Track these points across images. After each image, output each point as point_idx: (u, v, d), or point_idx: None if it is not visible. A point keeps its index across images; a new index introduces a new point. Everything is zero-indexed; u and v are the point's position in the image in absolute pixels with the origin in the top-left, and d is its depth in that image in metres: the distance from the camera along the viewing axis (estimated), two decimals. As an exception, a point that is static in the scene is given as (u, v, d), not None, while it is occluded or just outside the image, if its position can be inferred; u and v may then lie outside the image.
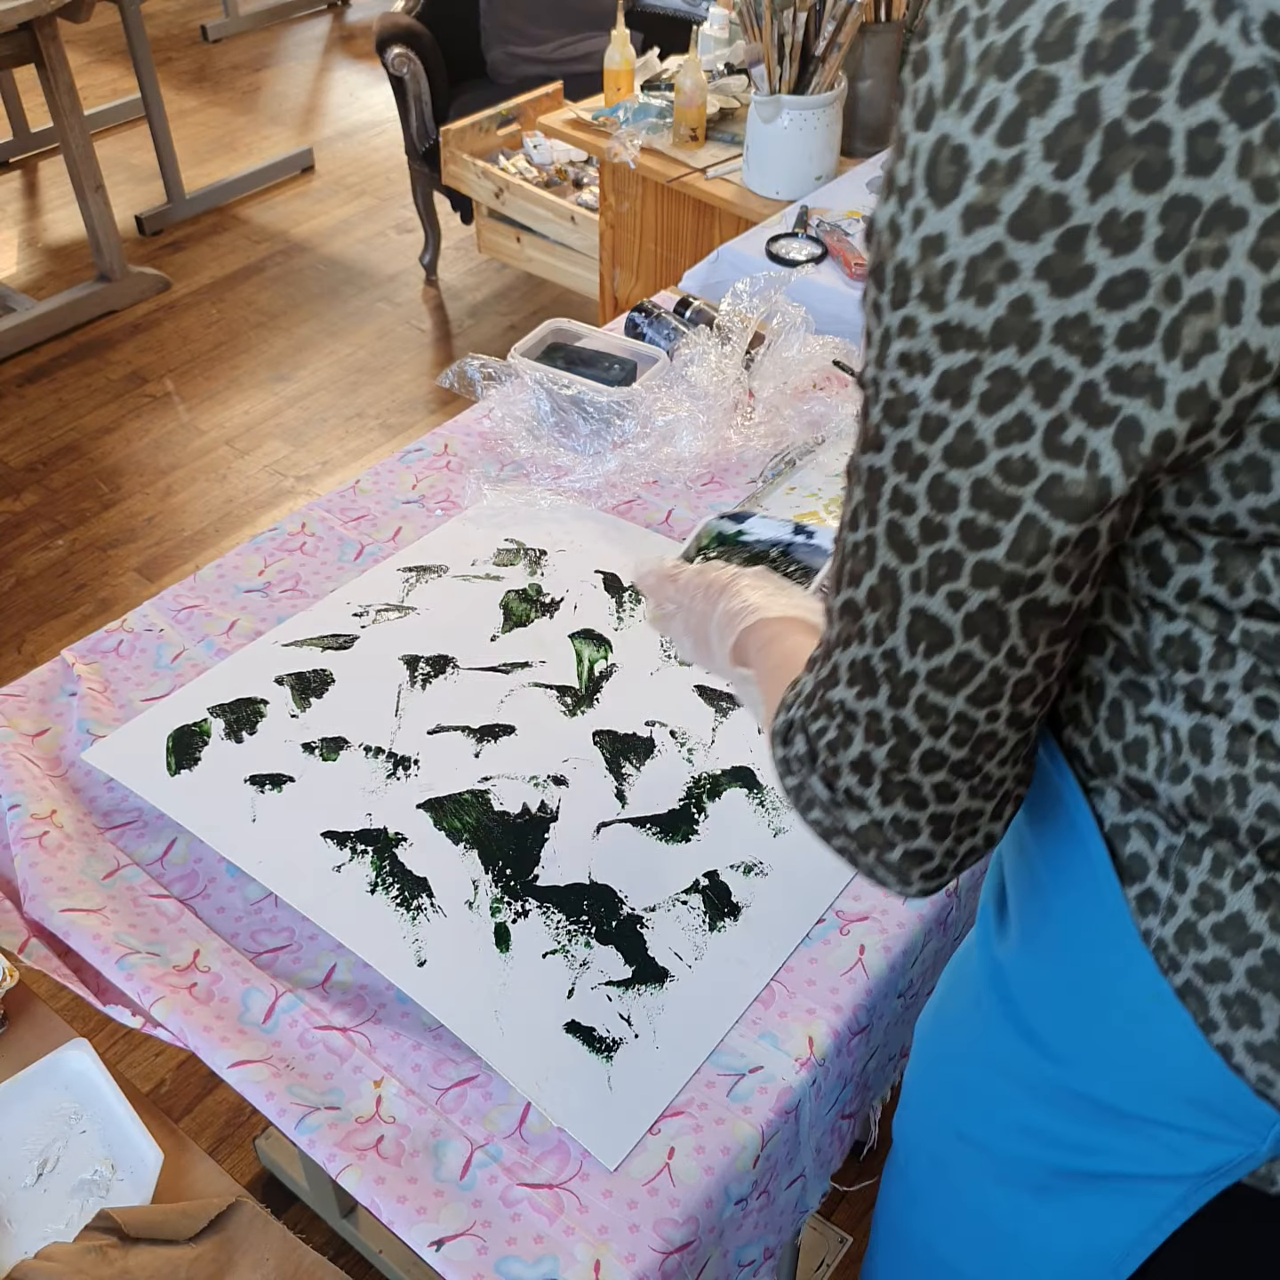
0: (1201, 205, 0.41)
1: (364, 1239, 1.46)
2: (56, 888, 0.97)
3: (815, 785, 0.61)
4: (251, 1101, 0.86)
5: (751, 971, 0.94)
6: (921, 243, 0.46)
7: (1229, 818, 0.57)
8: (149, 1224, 0.77)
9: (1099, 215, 0.42)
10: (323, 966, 0.95)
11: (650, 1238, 0.81)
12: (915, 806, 0.58)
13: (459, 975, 0.92)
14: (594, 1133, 0.85)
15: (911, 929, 0.98)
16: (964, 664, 0.53)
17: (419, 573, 1.29)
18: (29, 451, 2.81)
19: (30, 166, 3.89)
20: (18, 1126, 0.85)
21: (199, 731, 1.11)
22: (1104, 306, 0.43)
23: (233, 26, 4.74)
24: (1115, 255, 0.42)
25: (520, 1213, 0.82)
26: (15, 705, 1.13)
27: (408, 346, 3.17)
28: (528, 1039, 0.89)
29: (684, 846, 1.03)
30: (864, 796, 0.58)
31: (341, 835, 1.02)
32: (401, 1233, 0.81)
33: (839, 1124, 0.96)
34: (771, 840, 1.04)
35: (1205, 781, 0.57)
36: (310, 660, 1.18)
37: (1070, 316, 0.44)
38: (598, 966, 0.94)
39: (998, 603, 0.50)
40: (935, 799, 0.57)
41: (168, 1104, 1.66)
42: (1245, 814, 0.56)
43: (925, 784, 0.57)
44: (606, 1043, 0.90)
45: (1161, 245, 0.42)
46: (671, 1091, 0.87)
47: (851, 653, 0.56)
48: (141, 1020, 0.90)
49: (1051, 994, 0.68)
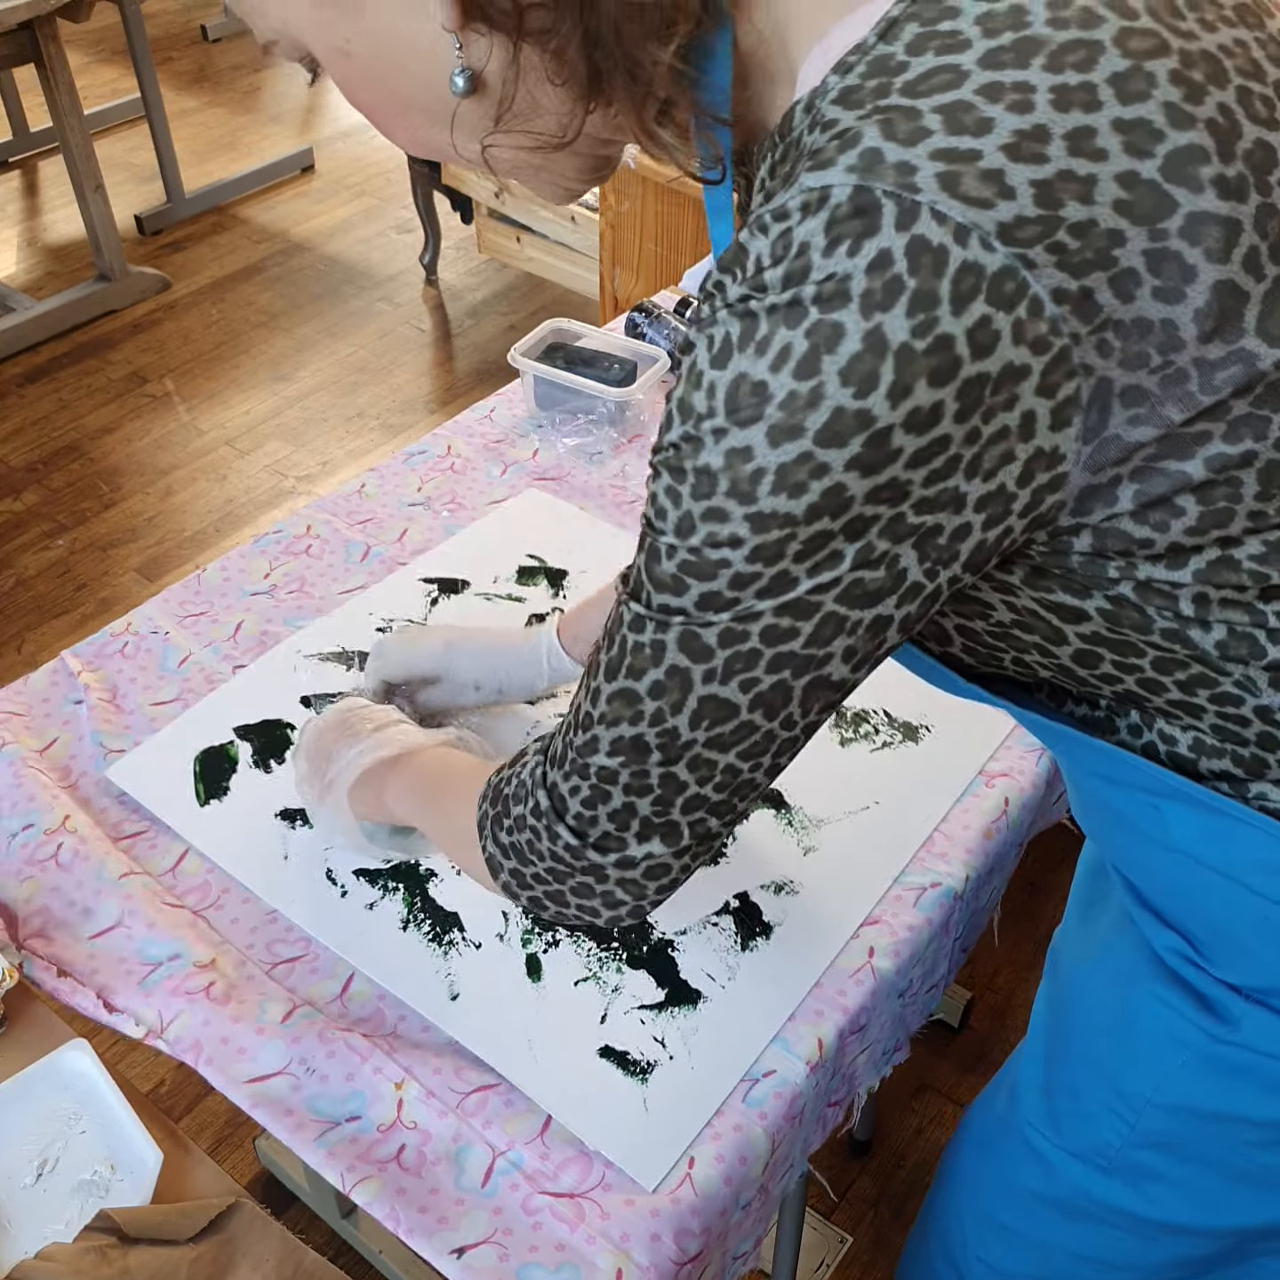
0: (990, 375, 0.49)
1: (364, 1239, 1.46)
2: (79, 911, 0.97)
3: (561, 834, 0.67)
4: (262, 1123, 0.85)
5: (786, 989, 0.94)
6: (727, 453, 0.51)
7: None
8: (148, 1224, 0.77)
9: (901, 415, 0.49)
10: (340, 977, 0.95)
11: (670, 1248, 0.80)
12: (670, 843, 0.65)
13: (492, 1007, 0.93)
14: (631, 1154, 0.84)
15: (920, 933, 0.98)
16: (743, 729, 0.59)
17: (440, 586, 1.28)
18: (29, 451, 2.80)
19: (30, 166, 3.88)
20: (17, 1127, 0.85)
21: (226, 756, 1.10)
22: (910, 469, 0.50)
23: (233, 26, 4.74)
24: (920, 435, 0.49)
25: (542, 1221, 0.81)
26: (21, 724, 1.12)
27: (408, 346, 3.17)
28: (562, 1065, 0.89)
29: (713, 869, 1.02)
30: (624, 837, 0.65)
31: (373, 873, 1.02)
32: (420, 1243, 0.80)
33: (825, 1112, 0.97)
34: (802, 858, 1.03)
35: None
36: (334, 680, 1.18)
37: (881, 484, 0.50)
38: (630, 991, 0.94)
39: (787, 680, 0.57)
40: (689, 835, 0.65)
41: (167, 1104, 1.66)
42: None
43: (683, 823, 0.64)
44: (641, 1065, 0.90)
45: (960, 414, 0.49)
46: (708, 1111, 0.87)
47: (620, 730, 0.61)
48: (145, 1030, 0.90)
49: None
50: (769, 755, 0.61)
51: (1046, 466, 0.51)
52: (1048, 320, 0.48)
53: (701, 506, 0.53)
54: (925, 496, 0.51)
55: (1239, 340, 0.51)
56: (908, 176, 0.48)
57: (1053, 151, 0.48)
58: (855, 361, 0.48)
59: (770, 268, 0.50)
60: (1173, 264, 0.49)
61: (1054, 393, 0.50)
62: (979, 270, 0.47)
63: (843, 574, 0.53)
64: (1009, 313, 0.48)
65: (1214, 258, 0.50)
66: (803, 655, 0.56)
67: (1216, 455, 0.53)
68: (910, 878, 1.02)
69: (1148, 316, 0.49)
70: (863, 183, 0.48)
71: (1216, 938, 0.72)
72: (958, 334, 0.48)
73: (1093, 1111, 0.82)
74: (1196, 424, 0.52)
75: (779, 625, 0.55)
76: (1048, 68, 0.49)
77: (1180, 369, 0.51)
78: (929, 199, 0.47)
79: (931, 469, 0.50)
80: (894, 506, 0.51)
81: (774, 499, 0.51)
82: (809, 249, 0.49)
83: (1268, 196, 0.51)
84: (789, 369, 0.49)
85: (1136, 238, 0.49)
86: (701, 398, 0.52)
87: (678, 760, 0.61)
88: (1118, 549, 0.56)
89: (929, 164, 0.48)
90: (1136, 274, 0.49)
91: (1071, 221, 0.48)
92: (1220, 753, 0.65)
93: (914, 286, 0.48)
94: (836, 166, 0.49)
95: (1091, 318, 0.49)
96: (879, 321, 0.48)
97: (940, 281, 0.47)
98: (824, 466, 0.50)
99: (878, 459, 0.50)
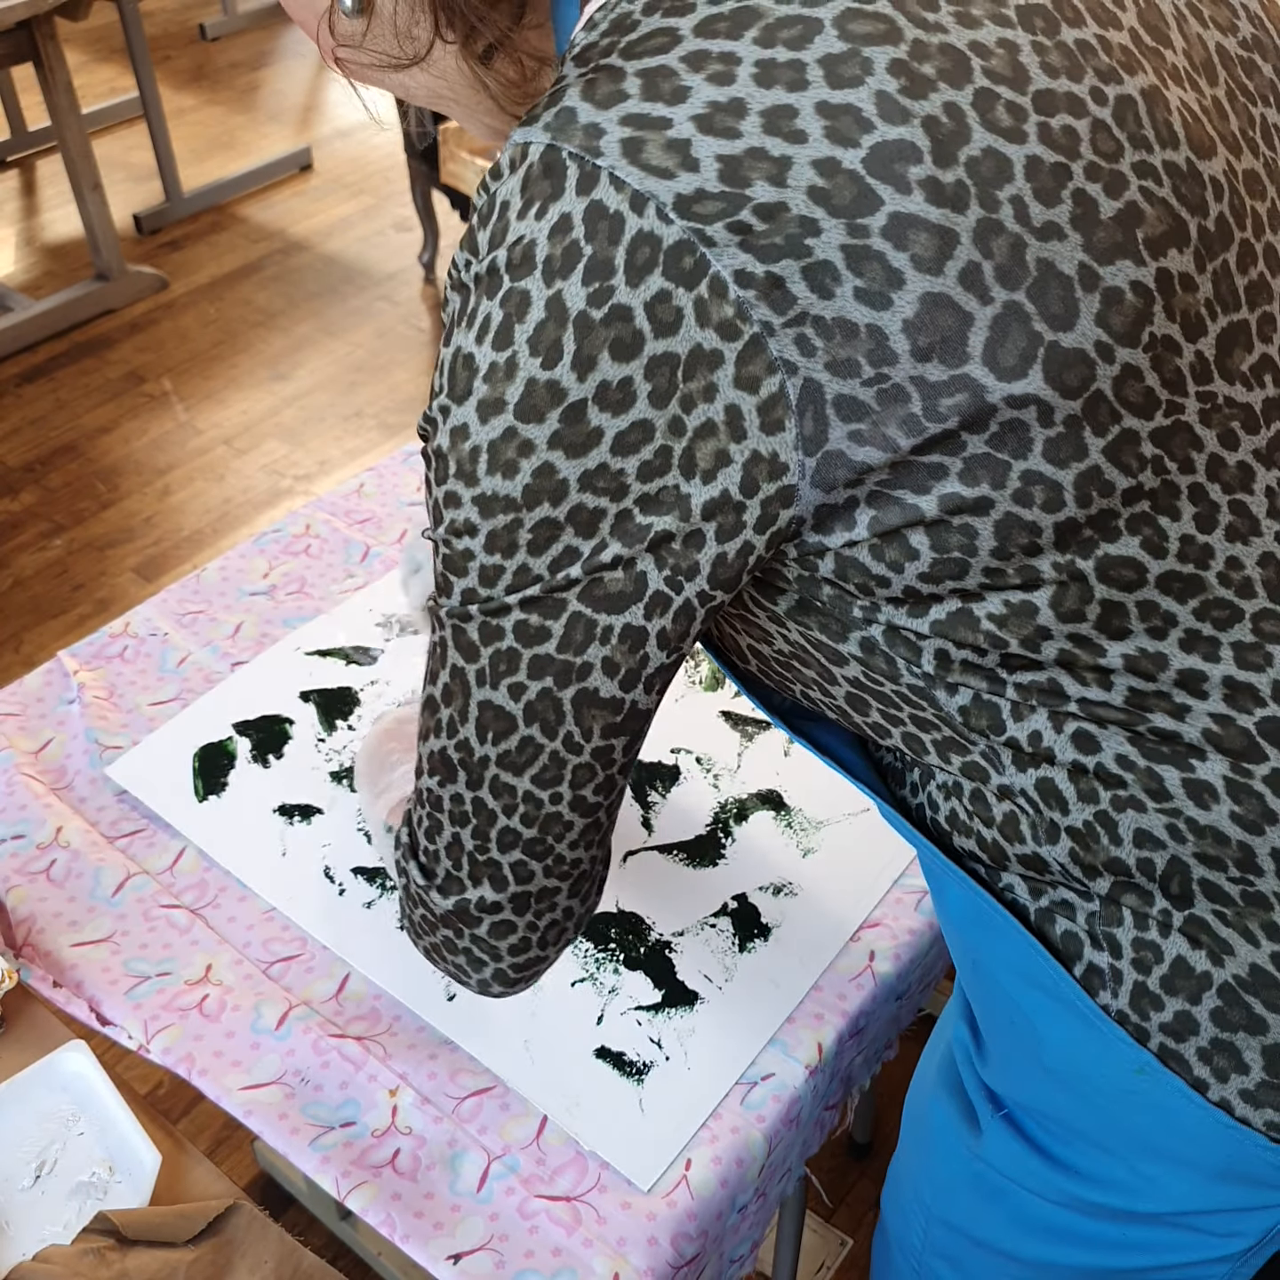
0: (679, 357, 0.47)
1: (363, 1241, 1.46)
2: (66, 922, 0.96)
3: (414, 875, 0.65)
4: (256, 1130, 0.85)
5: (783, 991, 0.94)
6: (451, 432, 0.51)
7: (1116, 858, 0.57)
8: (147, 1226, 0.77)
9: (591, 389, 0.48)
10: (336, 976, 0.94)
11: (667, 1251, 0.80)
12: (498, 887, 0.62)
13: (488, 1007, 0.92)
14: (626, 1155, 0.84)
15: (921, 936, 0.98)
16: (527, 747, 0.57)
17: None
18: (27, 451, 2.80)
19: (28, 165, 3.88)
20: (15, 1128, 0.84)
21: (225, 751, 1.10)
22: (619, 454, 0.49)
23: (231, 25, 4.73)
24: (616, 415, 0.48)
25: (538, 1225, 0.81)
26: (15, 724, 1.12)
27: (407, 346, 3.16)
28: (558, 1066, 0.89)
29: (711, 871, 1.02)
30: (460, 878, 0.62)
31: (372, 871, 1.01)
32: (416, 1249, 0.80)
33: (823, 1115, 0.97)
34: (800, 860, 1.03)
35: (1076, 830, 0.57)
36: (334, 675, 1.17)
37: (591, 469, 0.49)
38: (627, 992, 0.93)
39: (553, 690, 0.55)
40: (514, 879, 0.61)
41: (166, 1106, 1.66)
42: (1126, 849, 0.57)
43: (505, 863, 0.61)
44: (637, 1066, 0.89)
45: (654, 396, 0.48)
46: (704, 1112, 0.87)
47: (430, 745, 0.60)
48: (137, 1045, 0.90)
49: (1046, 1105, 0.66)
50: (566, 784, 0.58)
51: (769, 475, 0.49)
52: (733, 303, 0.46)
53: (441, 492, 0.53)
54: (646, 493, 0.49)
55: (962, 366, 0.47)
56: (593, 140, 0.46)
57: (746, 127, 0.46)
58: (540, 330, 0.48)
59: (480, 229, 0.50)
60: (875, 265, 0.46)
61: (755, 387, 0.47)
62: (655, 241, 0.46)
63: (580, 573, 0.52)
64: (689, 290, 0.46)
65: (922, 266, 0.46)
66: (560, 661, 0.54)
67: (951, 494, 0.50)
68: (911, 880, 1.01)
69: (851, 319, 0.46)
70: (554, 142, 0.47)
71: (987, 1031, 0.69)
72: (635, 306, 0.47)
73: (905, 1206, 0.80)
74: (930, 454, 0.49)
75: (529, 622, 0.53)
76: (759, 41, 0.47)
77: (898, 385, 0.47)
78: (609, 164, 0.46)
79: (642, 460, 0.49)
80: (616, 501, 0.50)
81: (491, 479, 0.51)
82: (508, 210, 0.48)
83: (993, 212, 0.47)
84: (489, 340, 0.49)
85: (833, 229, 0.46)
86: (435, 377, 0.53)
87: (481, 783, 0.59)
88: (858, 583, 0.53)
89: (617, 129, 0.46)
90: (834, 269, 0.46)
91: (759, 202, 0.45)
92: (969, 831, 0.62)
93: (590, 253, 0.46)
94: (538, 124, 0.48)
95: (784, 308, 0.46)
96: (559, 289, 0.47)
97: (616, 249, 0.46)
98: (529, 443, 0.49)
99: (579, 438, 0.49)
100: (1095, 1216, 0.66)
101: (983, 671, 0.55)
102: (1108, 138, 0.49)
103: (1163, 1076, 0.58)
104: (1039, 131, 0.48)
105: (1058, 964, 0.60)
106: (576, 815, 0.59)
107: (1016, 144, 0.48)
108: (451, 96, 0.61)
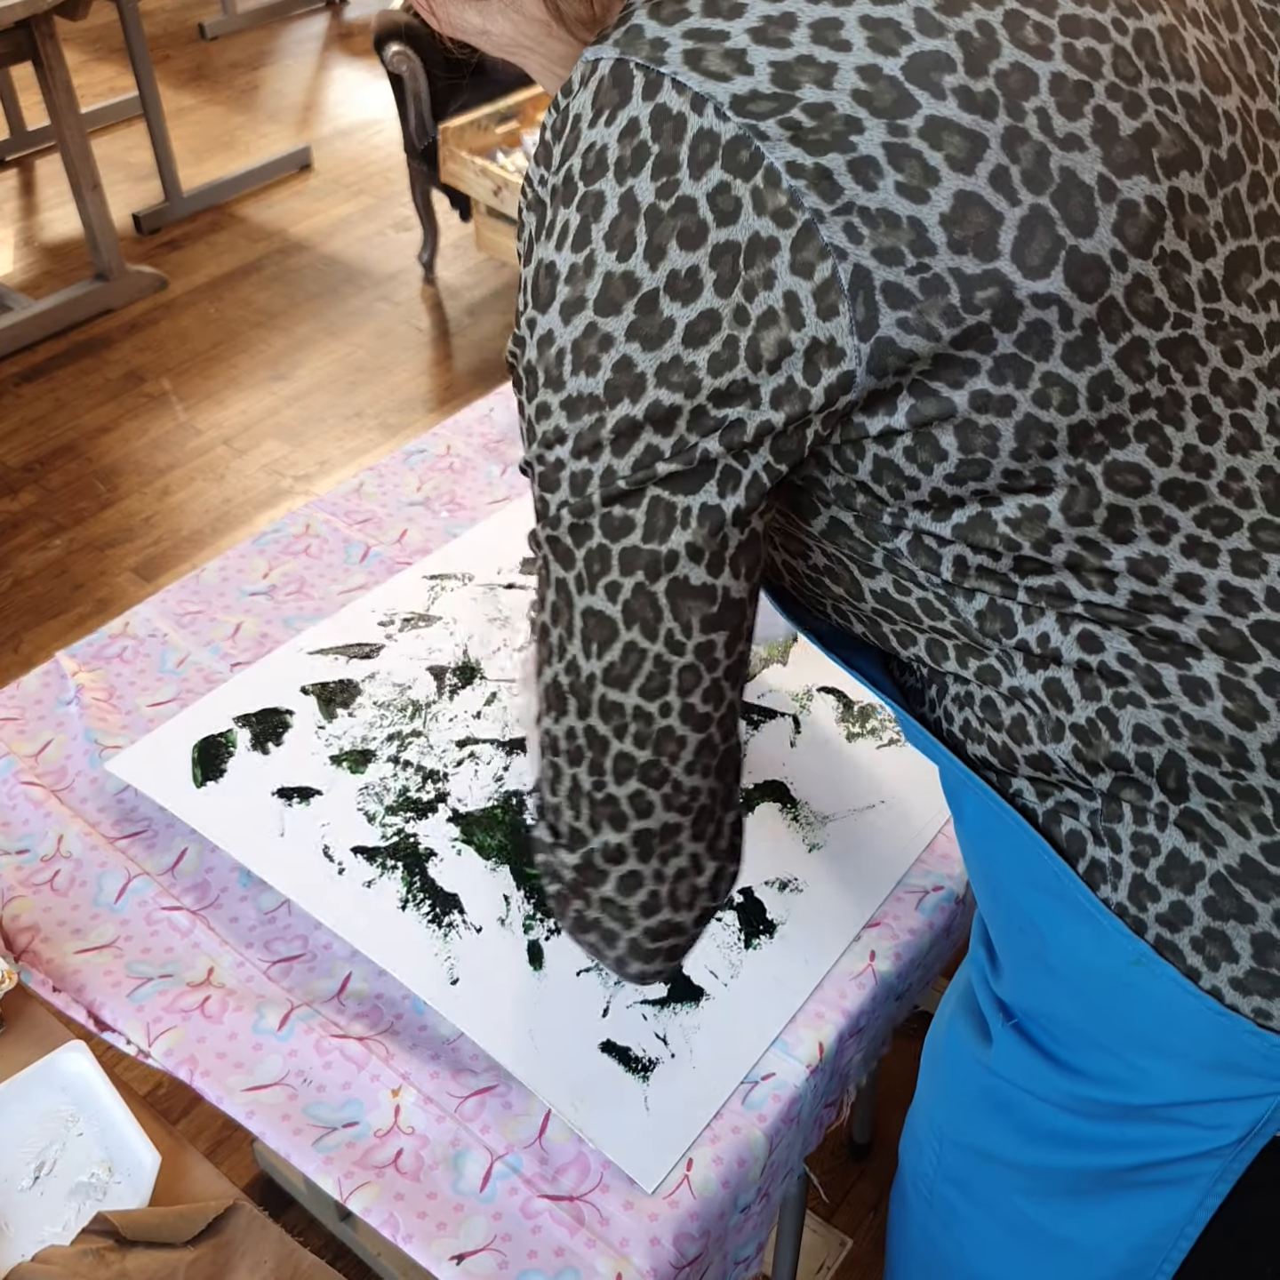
0: (740, 245, 0.51)
1: (362, 1242, 1.46)
2: (70, 930, 0.96)
3: (543, 836, 0.66)
4: (258, 1133, 0.85)
5: (789, 989, 0.93)
6: (539, 342, 0.55)
7: (1116, 753, 0.60)
8: (146, 1227, 0.77)
9: (663, 278, 0.51)
10: (338, 976, 0.94)
11: (670, 1252, 0.80)
12: (618, 825, 0.62)
13: (492, 993, 0.91)
14: (631, 1155, 0.84)
15: (921, 936, 0.98)
16: (631, 654, 0.58)
17: (443, 579, 1.27)
18: (26, 451, 2.80)
19: (27, 165, 3.88)
20: (15, 1128, 0.84)
21: (224, 742, 1.09)
22: (690, 346, 0.52)
23: (230, 24, 4.73)
24: (685, 305, 0.52)
25: (541, 1225, 0.81)
26: (14, 729, 1.12)
27: (406, 345, 3.16)
28: (563, 1058, 0.88)
29: None
30: (580, 828, 0.63)
31: (371, 850, 1.01)
32: (419, 1249, 0.79)
33: (822, 1113, 0.96)
34: (806, 855, 1.03)
35: (1079, 727, 0.61)
36: (336, 670, 1.17)
37: (666, 361, 0.52)
38: (632, 985, 0.93)
39: (646, 585, 0.56)
40: (634, 812, 0.61)
41: (165, 1106, 1.65)
42: (1125, 744, 0.60)
43: (622, 796, 0.61)
44: (643, 1063, 0.89)
45: (719, 284, 0.51)
46: (709, 1113, 0.86)
47: (544, 677, 0.62)
48: (135, 1050, 0.89)
49: (1050, 1007, 0.69)
50: (674, 692, 0.59)
51: (829, 361, 0.52)
52: (786, 192, 0.50)
53: (533, 408, 0.56)
54: (717, 388, 0.53)
55: (994, 261, 0.51)
56: (659, 51, 0.51)
57: (796, 38, 0.51)
58: (615, 225, 0.52)
59: (554, 142, 0.54)
60: (914, 162, 0.50)
61: (810, 272, 0.51)
62: (714, 137, 0.50)
63: (660, 469, 0.54)
64: (746, 180, 0.50)
65: (956, 166, 0.51)
66: (646, 551, 0.56)
67: (980, 390, 0.53)
68: (912, 880, 1.01)
69: (893, 210, 0.50)
70: (622, 55, 0.52)
71: (999, 945, 0.72)
72: (698, 197, 0.51)
73: (920, 1138, 0.82)
74: (966, 349, 0.53)
75: (612, 514, 0.55)
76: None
77: (938, 275, 0.51)
78: (671, 70, 0.51)
79: (712, 351, 0.52)
80: (691, 397, 0.53)
81: (576, 379, 0.54)
82: (580, 121, 0.53)
83: (1019, 121, 0.51)
84: (569, 244, 0.53)
85: (875, 128, 0.50)
86: (519, 298, 0.56)
87: (589, 709, 0.60)
88: (890, 485, 0.57)
89: (680, 41, 0.51)
90: (876, 163, 0.50)
91: (807, 102, 0.50)
92: (980, 737, 0.65)
93: (657, 151, 0.51)
94: (608, 41, 0.53)
95: (833, 198, 0.50)
96: (630, 185, 0.51)
97: (680, 146, 0.51)
98: (608, 337, 0.53)
99: (653, 329, 0.52)
100: (1094, 1118, 0.68)
101: (996, 576, 0.59)
102: (1128, 63, 0.54)
103: (1158, 966, 0.61)
104: (1064, 51, 0.53)
105: (1062, 861, 0.64)
106: (688, 729, 0.60)
107: (1043, 60, 0.52)
108: (528, 45, 0.64)
